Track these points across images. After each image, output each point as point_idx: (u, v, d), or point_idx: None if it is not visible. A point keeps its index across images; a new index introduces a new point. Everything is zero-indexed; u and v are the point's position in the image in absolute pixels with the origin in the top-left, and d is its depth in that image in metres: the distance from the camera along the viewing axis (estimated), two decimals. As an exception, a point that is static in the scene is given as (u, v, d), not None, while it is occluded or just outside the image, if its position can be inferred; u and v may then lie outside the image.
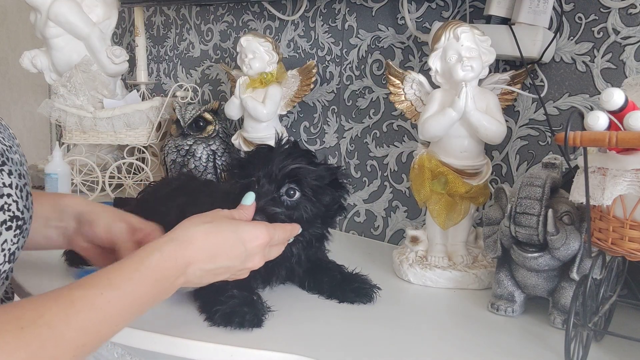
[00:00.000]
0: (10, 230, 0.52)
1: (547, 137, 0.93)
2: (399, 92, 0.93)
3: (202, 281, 0.62)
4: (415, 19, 1.05)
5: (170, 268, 0.57)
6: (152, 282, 0.55)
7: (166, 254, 0.57)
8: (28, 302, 0.49)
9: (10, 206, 0.52)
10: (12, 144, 0.58)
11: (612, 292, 0.71)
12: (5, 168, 0.54)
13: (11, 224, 0.52)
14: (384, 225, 1.13)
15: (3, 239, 0.52)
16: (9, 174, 0.54)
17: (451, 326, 0.73)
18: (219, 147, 1.24)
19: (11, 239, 0.53)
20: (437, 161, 0.86)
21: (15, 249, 0.54)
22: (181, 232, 0.60)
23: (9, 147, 0.57)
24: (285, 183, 0.71)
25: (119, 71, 1.37)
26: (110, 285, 0.52)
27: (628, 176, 0.56)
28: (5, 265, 0.53)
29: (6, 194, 0.52)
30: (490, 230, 0.77)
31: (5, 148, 0.56)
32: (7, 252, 0.53)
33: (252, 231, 0.63)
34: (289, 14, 1.23)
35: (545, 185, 0.69)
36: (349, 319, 0.73)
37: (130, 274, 0.54)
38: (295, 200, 0.71)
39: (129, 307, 0.53)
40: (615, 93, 0.54)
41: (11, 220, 0.52)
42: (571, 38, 0.89)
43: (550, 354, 0.65)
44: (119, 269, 0.54)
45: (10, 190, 0.53)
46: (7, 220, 0.52)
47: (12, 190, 0.53)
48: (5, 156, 0.55)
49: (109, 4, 1.38)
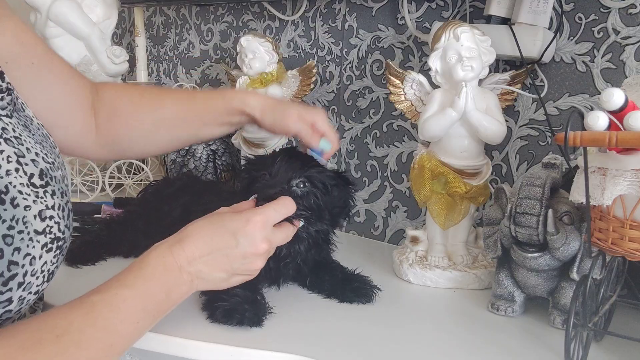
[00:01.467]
0: (51, 252, 0.53)
1: (547, 137, 0.93)
2: (399, 92, 0.93)
3: (213, 276, 0.62)
4: (415, 19, 1.05)
5: (170, 263, 0.59)
6: (159, 277, 0.58)
7: (162, 250, 0.60)
8: (58, 312, 0.52)
9: (52, 228, 0.53)
10: (55, 160, 0.58)
11: (612, 292, 0.71)
12: (49, 189, 0.54)
13: (52, 245, 0.53)
14: (384, 225, 1.13)
15: (43, 261, 0.52)
16: (52, 194, 0.54)
17: (451, 326, 0.73)
18: (219, 147, 1.24)
19: (51, 260, 0.53)
20: (437, 161, 0.86)
21: (54, 268, 0.55)
22: (179, 233, 0.63)
23: (51, 164, 0.56)
24: (297, 177, 0.72)
25: (119, 71, 1.37)
26: (123, 285, 0.56)
27: (628, 176, 0.56)
28: (44, 285, 0.54)
29: (49, 217, 0.53)
30: (490, 230, 0.77)
31: (48, 166, 0.55)
32: (46, 273, 0.53)
33: (239, 216, 0.63)
34: (289, 14, 1.23)
35: (545, 185, 0.69)
36: (349, 319, 0.73)
37: (137, 272, 0.58)
38: (306, 190, 0.72)
39: (146, 303, 0.57)
40: (615, 93, 0.54)
41: (52, 242, 0.53)
42: (571, 38, 0.89)
43: (550, 354, 0.65)
44: (128, 270, 0.58)
45: (53, 212, 0.53)
46: (48, 243, 0.52)
47: (55, 211, 0.54)
48: (49, 176, 0.55)
49: (109, 4, 1.38)
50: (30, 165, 0.53)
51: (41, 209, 0.52)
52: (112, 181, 1.33)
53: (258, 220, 0.63)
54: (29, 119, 0.59)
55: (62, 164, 0.60)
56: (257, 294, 0.73)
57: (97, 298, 0.54)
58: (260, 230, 0.63)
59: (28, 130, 0.57)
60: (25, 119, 0.58)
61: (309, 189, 0.73)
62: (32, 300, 0.53)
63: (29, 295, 0.52)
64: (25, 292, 0.51)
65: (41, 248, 0.51)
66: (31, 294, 0.52)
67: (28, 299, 0.52)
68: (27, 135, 0.56)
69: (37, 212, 0.51)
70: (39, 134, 0.59)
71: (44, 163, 0.55)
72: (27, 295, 0.51)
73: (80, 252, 0.88)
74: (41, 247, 0.51)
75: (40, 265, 0.52)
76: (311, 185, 0.73)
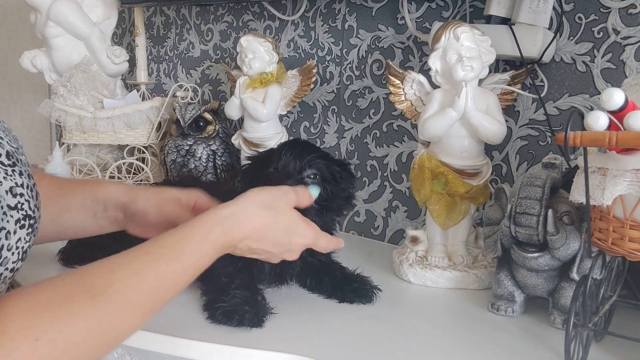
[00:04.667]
0: (24, 229, 0.54)
1: (547, 137, 0.93)
2: (399, 92, 0.93)
3: (243, 254, 0.65)
4: (415, 19, 1.05)
5: (228, 241, 0.61)
6: (212, 254, 0.59)
7: (227, 229, 0.60)
8: (98, 269, 0.53)
9: (23, 205, 0.54)
10: (18, 146, 0.60)
11: (612, 292, 0.71)
12: (17, 168, 0.55)
13: (24, 222, 0.54)
14: (384, 225, 1.13)
15: (17, 237, 0.53)
16: (20, 174, 0.55)
17: (451, 326, 0.73)
18: (219, 147, 1.24)
19: (24, 237, 0.54)
20: (437, 161, 0.86)
21: (28, 247, 0.55)
22: (243, 210, 0.62)
23: (16, 149, 0.58)
24: (306, 168, 0.73)
25: (119, 71, 1.37)
26: (177, 257, 0.56)
27: (628, 176, 0.56)
28: (18, 263, 0.54)
29: (19, 194, 0.53)
30: (490, 230, 0.77)
31: (13, 150, 0.57)
32: (20, 250, 0.54)
33: (303, 231, 0.66)
34: (289, 14, 1.23)
35: (545, 185, 0.69)
36: (349, 319, 0.73)
37: (196, 247, 0.58)
38: (316, 182, 0.73)
39: (191, 276, 0.57)
40: (615, 93, 0.54)
41: (24, 219, 0.54)
42: (571, 38, 0.89)
43: (550, 354, 0.65)
44: (184, 240, 0.58)
45: (23, 190, 0.54)
46: (20, 219, 0.53)
47: (24, 190, 0.54)
48: (15, 157, 0.56)
49: (109, 4, 1.38)
50: None
51: (12, 185, 0.53)
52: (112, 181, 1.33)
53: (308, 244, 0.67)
54: None
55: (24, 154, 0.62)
56: (257, 294, 0.73)
57: (145, 263, 0.54)
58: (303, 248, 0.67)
59: None
60: None
61: (319, 181, 0.73)
62: (9, 278, 0.54)
63: (6, 271, 0.52)
64: (2, 268, 0.51)
65: (15, 223, 0.52)
66: (7, 270, 0.53)
67: (5, 275, 0.52)
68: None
69: (8, 188, 0.52)
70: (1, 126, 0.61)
71: (8, 146, 0.56)
72: (3, 271, 0.52)
73: (76, 252, 0.88)
74: (15, 223, 0.52)
75: (15, 240, 0.52)
76: (321, 176, 0.73)
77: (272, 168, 0.73)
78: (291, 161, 0.72)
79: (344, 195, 0.78)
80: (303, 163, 0.73)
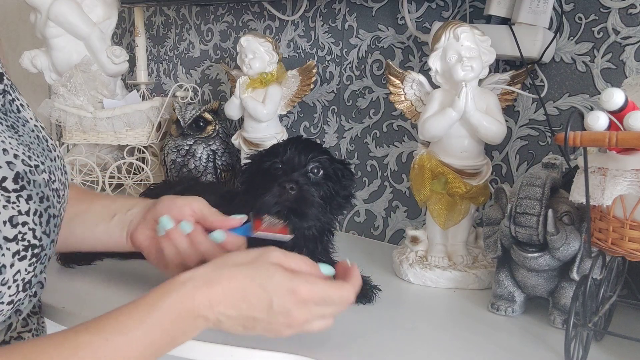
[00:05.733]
0: (25, 260, 0.50)
1: (547, 137, 0.93)
2: (399, 92, 0.93)
3: (235, 330, 0.55)
4: (415, 19, 1.05)
5: (189, 309, 0.51)
6: (167, 325, 0.50)
7: (185, 295, 0.51)
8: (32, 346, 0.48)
9: (25, 235, 0.50)
10: (43, 162, 0.55)
11: (612, 292, 0.71)
12: (24, 193, 0.51)
13: (25, 253, 0.50)
14: (384, 225, 1.13)
15: (16, 270, 0.49)
16: (28, 199, 0.51)
17: (451, 326, 0.73)
18: (219, 147, 1.24)
19: (25, 269, 0.50)
20: (437, 161, 0.86)
21: (32, 277, 0.52)
22: (206, 271, 0.54)
23: (34, 167, 0.53)
24: (311, 162, 0.73)
25: (119, 71, 1.37)
26: (119, 330, 0.48)
27: (628, 176, 0.56)
28: (20, 294, 0.51)
29: (21, 223, 0.49)
30: (490, 230, 0.77)
31: (27, 169, 0.52)
32: (20, 282, 0.50)
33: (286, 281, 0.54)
34: (289, 14, 1.23)
35: (545, 185, 0.69)
36: (349, 319, 0.73)
37: (142, 318, 0.50)
38: (321, 177, 0.73)
39: (141, 354, 0.49)
40: (615, 93, 0.54)
41: (25, 250, 0.50)
42: (571, 38, 0.89)
43: (550, 354, 0.65)
44: (131, 310, 0.50)
45: (27, 218, 0.50)
46: (20, 251, 0.49)
47: (30, 217, 0.50)
48: (26, 179, 0.52)
49: (109, 4, 1.38)
50: (4, 168, 0.50)
51: (12, 215, 0.49)
52: (112, 181, 1.33)
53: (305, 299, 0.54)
54: (22, 120, 0.58)
55: (55, 169, 0.58)
56: None
57: (84, 339, 0.48)
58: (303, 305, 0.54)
59: (14, 130, 0.55)
60: (16, 119, 0.57)
61: (322, 177, 0.74)
62: (8, 310, 0.51)
63: (2, 305, 0.49)
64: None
65: (12, 256, 0.48)
66: (4, 304, 0.49)
67: (1, 308, 0.49)
68: (10, 135, 0.53)
69: (8, 218, 0.48)
70: (32, 135, 0.57)
71: (22, 166, 0.52)
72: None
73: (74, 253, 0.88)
74: (12, 255, 0.48)
75: (12, 274, 0.49)
76: (324, 172, 0.74)
77: (277, 159, 0.74)
78: (296, 155, 0.73)
79: (345, 194, 0.78)
80: (308, 158, 0.73)
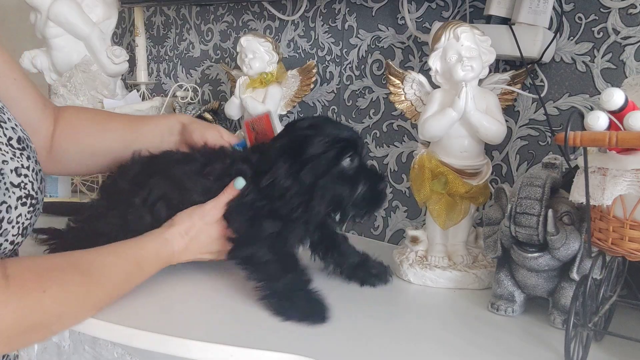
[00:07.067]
0: (25, 206, 0.60)
1: (547, 137, 0.93)
2: (399, 92, 0.93)
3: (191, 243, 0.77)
4: (415, 19, 1.05)
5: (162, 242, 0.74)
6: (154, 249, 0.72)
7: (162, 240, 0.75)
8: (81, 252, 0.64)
9: (26, 185, 0.60)
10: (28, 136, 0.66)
11: (612, 292, 0.71)
12: (25, 153, 0.62)
13: (26, 200, 0.60)
14: (384, 225, 1.13)
15: (18, 213, 0.59)
16: (28, 158, 0.62)
17: (451, 326, 0.73)
18: (219, 147, 1.23)
19: (25, 214, 0.60)
20: (437, 161, 0.86)
21: (28, 225, 0.61)
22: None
23: (27, 138, 0.65)
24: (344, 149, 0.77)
25: (119, 71, 1.37)
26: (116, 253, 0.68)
27: (628, 176, 0.56)
28: (19, 237, 0.60)
29: (23, 174, 0.60)
30: (490, 230, 0.77)
31: (25, 136, 0.64)
32: (20, 226, 0.60)
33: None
34: (289, 14, 1.23)
35: (545, 185, 0.69)
36: (349, 318, 0.73)
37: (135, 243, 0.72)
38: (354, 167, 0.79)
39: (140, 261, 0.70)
40: (615, 93, 0.54)
41: (26, 198, 0.60)
42: (571, 38, 0.89)
43: (550, 354, 0.65)
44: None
45: (27, 172, 0.61)
46: (22, 197, 0.59)
47: (29, 172, 0.61)
48: (25, 143, 0.63)
49: (109, 4, 1.38)
50: (10, 130, 0.62)
51: (17, 166, 0.59)
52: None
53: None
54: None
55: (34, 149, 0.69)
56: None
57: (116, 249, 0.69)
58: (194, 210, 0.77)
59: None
60: None
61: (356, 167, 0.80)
62: (9, 250, 0.60)
63: (5, 242, 0.59)
64: (2, 238, 0.58)
65: (16, 200, 0.58)
66: (7, 242, 0.59)
67: (5, 246, 0.59)
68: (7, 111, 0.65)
69: (14, 168, 0.59)
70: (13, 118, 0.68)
71: (21, 133, 0.64)
72: (3, 242, 0.58)
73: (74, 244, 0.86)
74: (16, 199, 0.58)
75: (16, 215, 0.59)
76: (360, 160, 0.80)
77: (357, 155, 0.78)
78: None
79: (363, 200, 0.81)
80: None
